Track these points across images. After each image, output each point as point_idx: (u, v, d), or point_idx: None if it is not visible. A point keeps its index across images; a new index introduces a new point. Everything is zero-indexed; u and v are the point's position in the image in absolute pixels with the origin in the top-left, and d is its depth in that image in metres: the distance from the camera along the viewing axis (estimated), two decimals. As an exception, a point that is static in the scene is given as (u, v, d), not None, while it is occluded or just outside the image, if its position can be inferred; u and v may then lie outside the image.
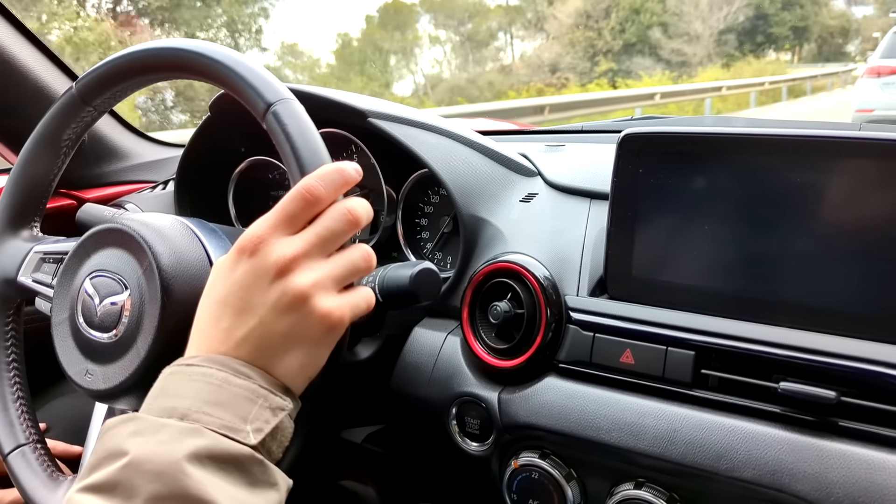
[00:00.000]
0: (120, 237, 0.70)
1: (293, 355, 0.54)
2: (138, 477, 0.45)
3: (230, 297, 0.54)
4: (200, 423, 0.48)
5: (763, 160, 0.67)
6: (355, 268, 0.57)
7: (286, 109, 0.62)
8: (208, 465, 0.46)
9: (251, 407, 0.50)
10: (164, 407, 0.50)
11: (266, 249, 0.54)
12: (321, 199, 0.56)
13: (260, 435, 0.50)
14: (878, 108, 7.00)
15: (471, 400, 0.79)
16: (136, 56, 0.71)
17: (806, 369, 0.63)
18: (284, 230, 0.55)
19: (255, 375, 0.52)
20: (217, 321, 0.54)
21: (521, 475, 0.75)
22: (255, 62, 0.65)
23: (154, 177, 1.28)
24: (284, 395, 0.53)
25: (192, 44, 0.67)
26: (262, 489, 0.49)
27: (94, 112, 0.78)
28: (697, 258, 0.70)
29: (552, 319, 0.74)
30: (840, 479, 0.59)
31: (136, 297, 0.67)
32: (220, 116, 1.01)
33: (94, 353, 0.70)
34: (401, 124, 0.90)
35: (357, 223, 0.57)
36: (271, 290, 0.53)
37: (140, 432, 0.48)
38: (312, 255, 0.55)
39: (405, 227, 1.00)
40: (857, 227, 0.63)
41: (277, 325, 0.53)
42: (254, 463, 0.49)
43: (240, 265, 0.54)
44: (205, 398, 0.49)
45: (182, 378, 0.51)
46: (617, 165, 0.74)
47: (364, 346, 0.84)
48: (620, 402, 0.70)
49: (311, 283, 0.54)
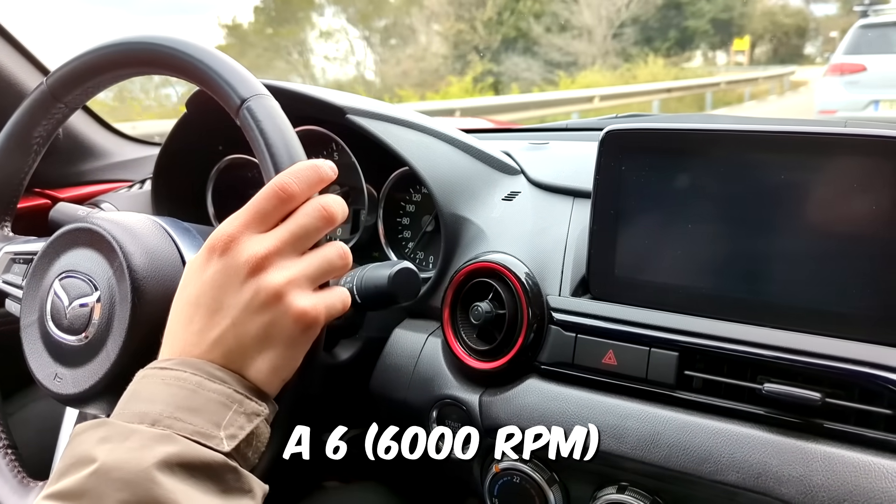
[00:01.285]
0: (90, 237, 0.69)
1: (266, 356, 0.52)
2: (106, 485, 0.44)
3: (202, 297, 0.52)
4: (172, 430, 0.47)
5: (747, 157, 0.66)
6: (330, 266, 0.56)
7: (260, 105, 0.60)
8: (179, 473, 0.45)
9: (225, 412, 0.49)
10: (135, 412, 0.48)
11: (237, 247, 0.52)
12: (295, 197, 0.54)
13: (234, 441, 0.48)
14: (842, 108, 6.45)
15: (452, 403, 0.77)
16: (108, 51, 0.69)
17: (790, 370, 0.62)
18: (256, 228, 0.53)
19: (230, 380, 0.50)
20: (189, 322, 0.52)
21: (503, 479, 0.74)
22: (228, 57, 0.64)
23: (131, 175, 1.25)
24: (260, 401, 0.52)
25: (165, 38, 0.66)
26: (235, 496, 0.47)
27: (65, 109, 0.76)
28: (681, 257, 0.69)
29: (534, 320, 0.73)
30: (825, 483, 0.58)
31: (107, 299, 0.66)
32: (197, 114, 0.99)
33: (63, 357, 0.68)
34: (380, 121, 0.88)
35: (332, 220, 0.55)
36: (244, 289, 0.52)
37: (109, 438, 0.46)
38: (285, 252, 0.53)
39: (386, 227, 0.98)
40: (842, 226, 0.62)
41: (250, 326, 0.52)
42: (227, 470, 0.47)
43: (211, 264, 0.53)
44: (178, 403, 0.48)
45: (155, 382, 0.50)
46: (599, 163, 0.73)
47: (343, 349, 0.83)
48: (603, 404, 0.69)
49: (285, 280, 0.52)
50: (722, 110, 12.14)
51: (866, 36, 6.68)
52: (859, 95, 6.40)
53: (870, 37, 6.65)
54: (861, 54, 6.55)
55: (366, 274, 0.71)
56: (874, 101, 6.36)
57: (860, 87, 6.44)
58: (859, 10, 7.65)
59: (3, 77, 1.09)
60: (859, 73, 6.48)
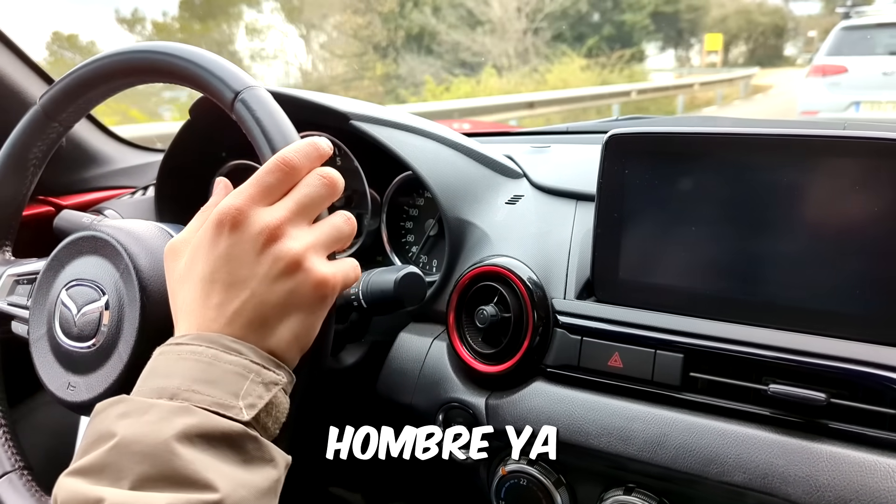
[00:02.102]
0: (94, 244, 0.69)
1: (287, 325, 0.53)
2: (126, 458, 0.44)
3: (217, 272, 0.52)
4: (190, 402, 0.47)
5: (750, 159, 0.66)
6: (340, 232, 0.57)
7: (253, 96, 0.61)
8: (198, 444, 0.45)
9: (243, 382, 0.49)
10: (153, 387, 0.49)
11: (248, 220, 0.52)
12: (297, 169, 0.55)
13: (253, 411, 0.49)
14: (824, 109, 6.47)
15: (458, 406, 0.78)
16: (98, 65, 0.69)
17: (795, 371, 0.62)
18: (262, 201, 0.54)
19: (246, 351, 0.51)
20: (206, 298, 0.52)
21: (510, 482, 0.74)
22: (216, 55, 0.64)
23: (134, 182, 1.26)
24: (277, 370, 0.52)
25: (152, 45, 0.66)
26: (257, 466, 0.47)
27: (59, 127, 0.76)
28: (685, 259, 0.70)
29: (539, 323, 0.73)
30: (831, 482, 0.58)
31: (115, 302, 0.66)
32: (200, 120, 1.00)
33: (75, 365, 0.68)
34: (384, 126, 0.89)
35: (335, 187, 0.57)
36: (261, 260, 0.52)
37: (128, 414, 0.47)
38: (297, 222, 0.54)
39: (390, 231, 0.99)
40: (844, 227, 0.63)
41: (271, 295, 0.52)
42: (247, 439, 0.47)
43: (221, 239, 0.53)
44: (195, 376, 0.48)
45: (172, 357, 0.50)
46: (603, 166, 0.73)
47: (349, 353, 0.83)
48: (609, 407, 0.69)
49: (303, 247, 0.53)
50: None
51: (848, 38, 6.71)
52: (841, 97, 6.43)
53: (851, 39, 6.68)
54: (843, 56, 6.59)
55: (371, 279, 0.72)
56: (855, 103, 6.39)
57: (842, 88, 6.47)
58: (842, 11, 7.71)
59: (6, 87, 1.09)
60: (841, 74, 6.52)
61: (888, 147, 0.61)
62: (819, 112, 6.48)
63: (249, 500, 0.45)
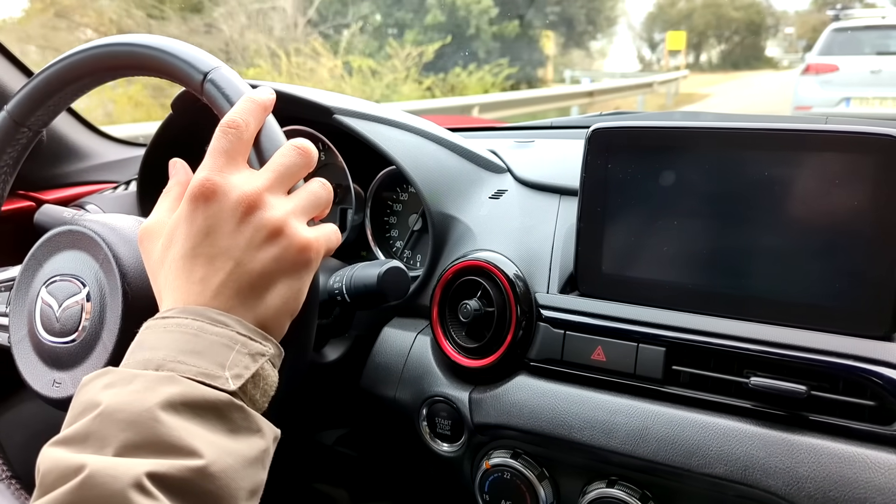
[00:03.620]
0: (71, 238, 0.68)
1: (275, 292, 0.53)
2: (110, 426, 0.44)
3: (197, 247, 0.52)
4: (176, 372, 0.47)
5: (732, 154, 0.67)
6: (317, 198, 0.57)
7: (221, 76, 0.61)
8: (183, 412, 0.45)
9: (228, 353, 0.49)
10: (139, 359, 0.49)
11: (224, 190, 0.53)
12: (241, 126, 0.56)
13: (239, 381, 0.48)
14: (817, 105, 7.03)
15: (441, 400, 0.78)
16: (63, 65, 0.68)
17: (776, 364, 0.63)
18: (227, 167, 0.54)
19: (232, 323, 0.51)
20: (190, 273, 0.52)
21: (493, 475, 0.74)
22: (179, 41, 0.64)
23: (116, 177, 1.24)
24: (264, 341, 0.52)
25: (115, 39, 0.66)
26: (244, 435, 0.47)
27: (29, 132, 0.74)
28: (668, 253, 0.70)
29: (522, 317, 0.73)
30: (811, 474, 0.59)
31: (96, 293, 0.66)
32: (182, 114, 0.99)
33: (59, 361, 0.67)
34: (367, 121, 0.88)
35: (309, 156, 0.57)
36: (242, 229, 0.52)
37: (113, 384, 0.47)
38: (274, 190, 0.55)
39: (374, 226, 0.98)
40: (825, 221, 0.63)
41: (255, 264, 0.52)
42: (233, 409, 0.47)
43: (198, 213, 0.53)
44: (180, 348, 0.48)
45: (158, 331, 0.50)
46: (586, 161, 0.73)
47: (332, 348, 0.83)
48: (592, 400, 0.69)
49: (284, 214, 0.53)
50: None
51: (838, 39, 7.36)
52: (832, 93, 6.99)
53: (841, 39, 7.33)
54: (833, 55, 7.19)
55: (355, 273, 0.71)
56: (846, 99, 6.96)
57: (833, 85, 7.03)
58: (832, 14, 8.14)
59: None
60: (832, 72, 7.09)
61: (868, 141, 0.61)
62: (812, 108, 6.99)
63: (235, 469, 0.45)
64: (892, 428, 0.58)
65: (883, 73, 6.91)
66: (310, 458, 1.04)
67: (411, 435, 0.81)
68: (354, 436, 0.96)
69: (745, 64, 29.05)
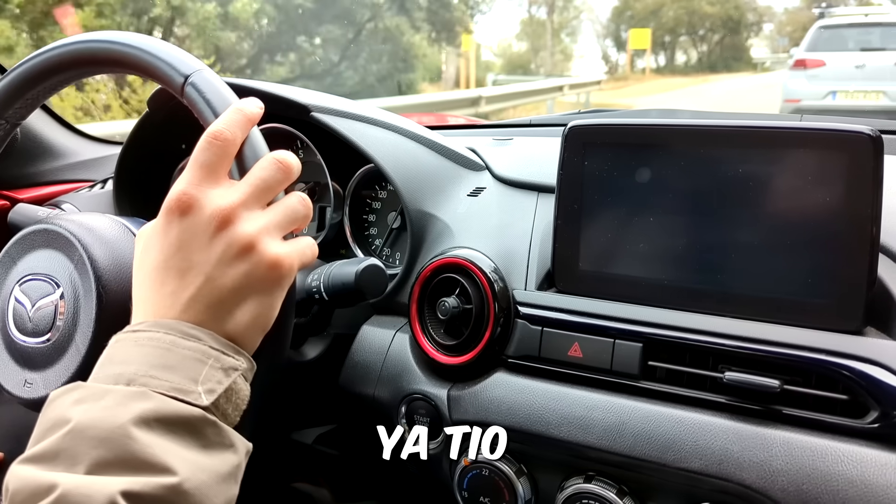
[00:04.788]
0: (45, 237, 0.68)
1: (245, 308, 0.52)
2: (81, 443, 0.43)
3: (170, 259, 0.52)
4: (148, 387, 0.46)
5: (708, 151, 0.67)
6: (295, 213, 0.57)
7: (202, 79, 0.61)
8: (156, 428, 0.45)
9: (201, 368, 0.49)
10: (110, 374, 0.48)
11: (200, 204, 0.52)
12: (229, 140, 0.55)
13: (212, 396, 0.48)
14: (805, 98, 7.51)
15: (420, 398, 0.78)
16: (42, 58, 0.67)
17: (750, 359, 0.64)
18: (207, 180, 0.53)
19: (204, 336, 0.50)
20: (161, 286, 0.52)
21: (472, 472, 0.74)
22: (163, 41, 0.64)
23: (92, 175, 1.23)
24: (237, 355, 0.51)
25: (97, 35, 0.65)
26: (217, 451, 0.47)
27: (6, 125, 0.73)
28: (644, 250, 0.70)
29: (500, 314, 0.74)
30: (785, 467, 0.59)
31: (70, 294, 0.65)
32: (159, 112, 0.98)
33: (31, 361, 0.67)
34: (345, 118, 0.88)
35: (290, 170, 0.56)
36: (214, 244, 0.52)
37: (84, 399, 0.46)
38: (250, 204, 0.54)
39: (353, 224, 0.98)
40: (799, 217, 0.64)
41: (225, 279, 0.52)
42: (206, 424, 0.47)
43: (172, 226, 0.52)
44: (152, 362, 0.48)
45: (128, 344, 0.50)
46: (563, 158, 0.74)
47: (311, 346, 0.82)
48: (569, 396, 0.70)
49: (256, 230, 0.53)
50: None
51: (824, 35, 7.83)
52: (819, 87, 7.47)
53: (827, 36, 7.80)
54: (820, 51, 7.66)
55: (332, 271, 0.71)
56: (832, 92, 7.42)
57: (820, 79, 7.52)
58: (817, 11, 8.64)
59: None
60: (819, 67, 7.57)
61: (841, 138, 0.62)
62: (801, 101, 7.54)
63: (209, 485, 0.45)
64: (864, 421, 0.59)
65: (866, 67, 7.35)
66: (289, 457, 1.04)
67: (390, 433, 0.81)
68: (334, 434, 0.96)
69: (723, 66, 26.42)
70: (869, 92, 7.36)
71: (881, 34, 7.71)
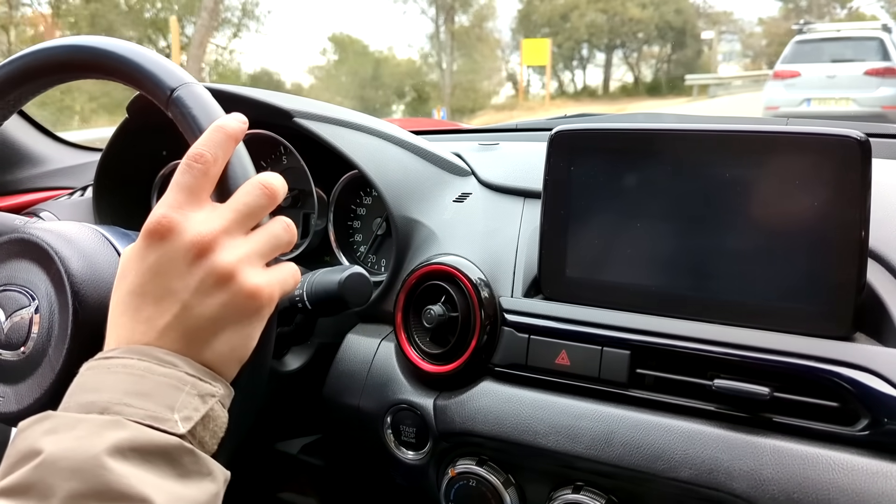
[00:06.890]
0: (22, 247, 0.66)
1: (222, 338, 0.51)
2: (54, 475, 0.41)
3: (146, 285, 0.50)
4: (122, 416, 0.45)
5: (694, 156, 0.66)
6: (278, 240, 0.55)
7: (189, 93, 0.59)
8: (132, 458, 0.43)
9: (177, 395, 0.47)
10: (82, 402, 0.46)
11: (179, 230, 0.50)
12: (209, 161, 0.53)
13: (189, 423, 0.47)
14: (783, 105, 8.40)
15: (406, 408, 0.76)
16: (24, 61, 0.66)
17: (740, 366, 0.63)
18: (188, 203, 0.52)
19: (179, 363, 0.49)
20: (136, 312, 0.50)
21: (459, 483, 0.73)
22: (152, 51, 0.62)
23: (71, 183, 1.22)
24: (213, 382, 0.50)
25: (84, 39, 0.64)
26: (195, 480, 0.46)
27: None
28: (631, 256, 0.70)
29: (486, 322, 0.73)
30: (775, 476, 0.59)
31: (46, 307, 0.63)
32: (139, 118, 0.97)
33: (3, 375, 0.65)
34: (328, 124, 0.87)
35: (274, 196, 0.55)
36: (192, 271, 0.50)
37: (55, 430, 0.44)
38: (232, 231, 0.52)
39: (337, 230, 0.97)
40: (787, 222, 0.63)
41: (203, 309, 0.50)
42: (183, 453, 0.45)
43: (151, 251, 0.51)
44: (126, 389, 0.46)
45: (101, 371, 0.48)
46: (549, 163, 0.73)
47: (294, 356, 0.81)
48: (557, 405, 0.69)
49: (236, 259, 0.51)
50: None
51: (801, 49, 8.79)
52: (795, 95, 8.41)
53: (804, 49, 8.75)
54: (796, 63, 8.62)
55: (315, 279, 0.70)
56: (807, 99, 8.36)
57: (796, 88, 8.46)
58: (796, 27, 9.58)
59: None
60: (795, 77, 8.51)
61: (828, 142, 0.61)
62: (779, 107, 8.44)
63: None
64: (855, 428, 0.59)
65: (837, 77, 8.27)
66: (274, 467, 1.02)
67: (376, 443, 0.80)
68: (320, 445, 0.95)
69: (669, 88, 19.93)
70: (840, 99, 8.20)
71: (854, 47, 8.54)
